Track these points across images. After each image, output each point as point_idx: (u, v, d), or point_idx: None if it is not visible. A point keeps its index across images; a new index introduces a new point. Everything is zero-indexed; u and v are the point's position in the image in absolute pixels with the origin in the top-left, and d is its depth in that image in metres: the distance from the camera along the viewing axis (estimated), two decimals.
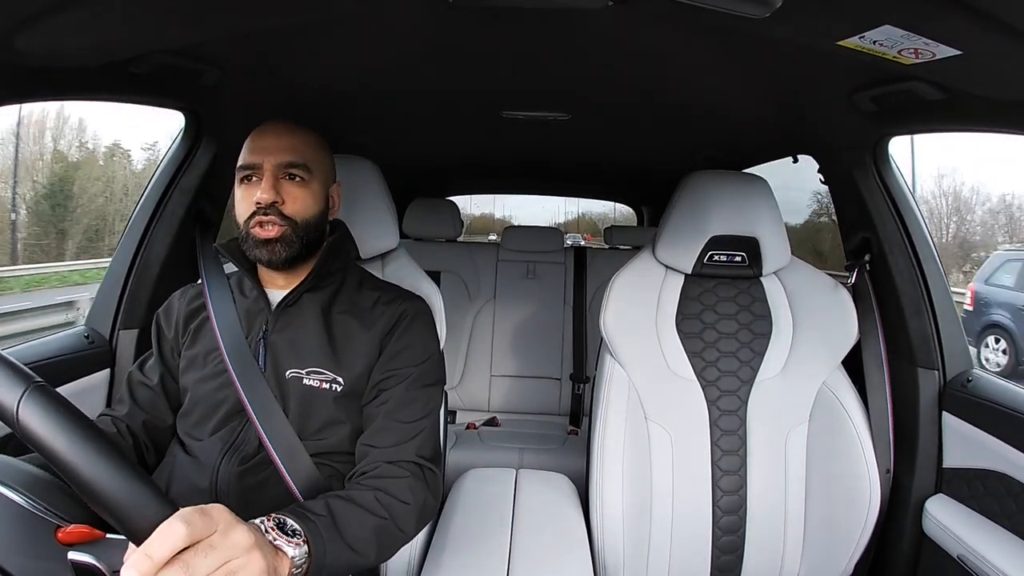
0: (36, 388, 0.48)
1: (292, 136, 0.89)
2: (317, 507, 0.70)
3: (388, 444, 0.83)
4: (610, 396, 1.16)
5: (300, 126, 0.92)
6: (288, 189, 0.87)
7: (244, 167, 0.88)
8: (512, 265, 2.40)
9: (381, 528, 0.75)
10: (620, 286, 1.22)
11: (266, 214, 0.85)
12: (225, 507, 0.54)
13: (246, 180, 0.89)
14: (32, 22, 0.69)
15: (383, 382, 0.87)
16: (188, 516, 0.49)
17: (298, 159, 0.88)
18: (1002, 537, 0.99)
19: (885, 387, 1.19)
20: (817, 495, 1.13)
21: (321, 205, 0.92)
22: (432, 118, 1.62)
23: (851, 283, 1.25)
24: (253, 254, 0.87)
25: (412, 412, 0.86)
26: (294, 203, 0.87)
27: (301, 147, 0.89)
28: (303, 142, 0.90)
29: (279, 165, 0.87)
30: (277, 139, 0.88)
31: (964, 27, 0.66)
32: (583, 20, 0.91)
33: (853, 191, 1.24)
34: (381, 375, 0.88)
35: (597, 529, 1.12)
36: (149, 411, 0.92)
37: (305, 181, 0.89)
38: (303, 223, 0.88)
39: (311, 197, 0.89)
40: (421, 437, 0.85)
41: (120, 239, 1.28)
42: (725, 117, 1.45)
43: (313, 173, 0.90)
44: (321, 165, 0.92)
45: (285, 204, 0.86)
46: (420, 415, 0.87)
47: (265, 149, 0.87)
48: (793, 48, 0.89)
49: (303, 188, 0.88)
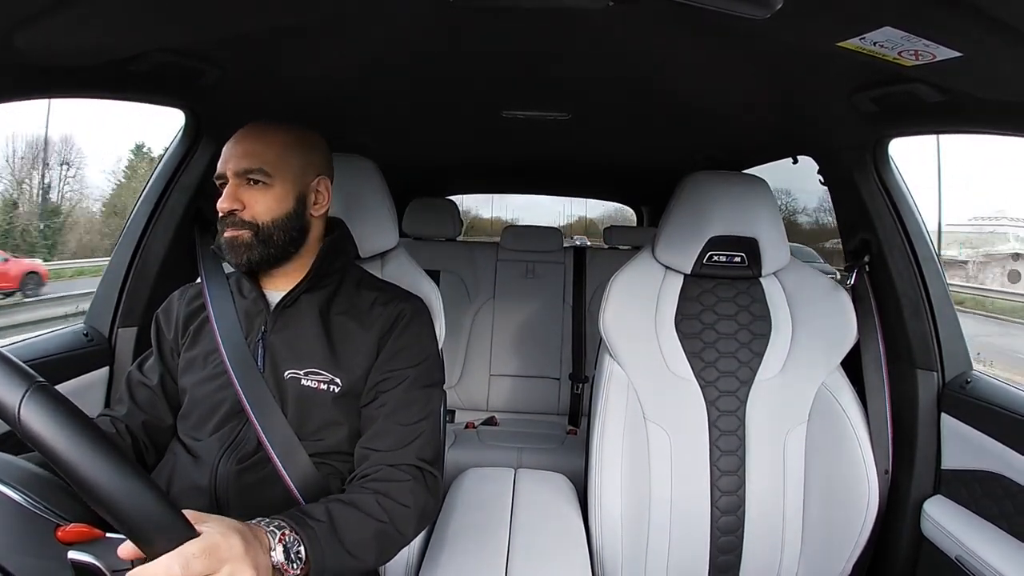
0: (38, 388, 0.48)
1: (252, 140, 0.89)
2: (317, 512, 0.71)
3: (388, 447, 0.83)
4: (609, 396, 1.16)
5: (268, 126, 0.91)
6: (249, 194, 0.87)
7: (216, 176, 0.90)
8: (511, 265, 2.40)
9: (381, 532, 0.76)
10: (619, 286, 1.22)
11: (230, 222, 0.87)
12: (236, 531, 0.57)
13: (222, 187, 0.90)
14: (32, 21, 0.69)
15: (381, 384, 0.87)
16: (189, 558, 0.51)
17: (255, 164, 0.87)
18: (1000, 538, 0.99)
19: (884, 388, 1.19)
20: (815, 496, 1.13)
21: (289, 205, 0.90)
22: (432, 118, 1.62)
23: (850, 284, 1.25)
24: (226, 258, 0.89)
25: (411, 414, 0.86)
26: (253, 207, 0.87)
27: (260, 150, 0.88)
28: (265, 144, 0.89)
29: (237, 172, 0.87)
30: (237, 145, 0.89)
31: (964, 29, 0.66)
32: (583, 20, 0.91)
33: (853, 192, 1.24)
34: (379, 377, 0.88)
35: (596, 529, 1.12)
36: (148, 411, 0.92)
37: (266, 184, 0.88)
38: (265, 225, 0.88)
39: (272, 200, 0.89)
40: (421, 440, 0.85)
41: (119, 237, 1.28)
42: (725, 117, 1.45)
43: (274, 175, 0.88)
44: (286, 164, 0.90)
45: (244, 210, 0.87)
46: (419, 417, 0.87)
47: (228, 157, 0.88)
48: (793, 49, 0.89)
49: (263, 192, 0.88)
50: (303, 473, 0.82)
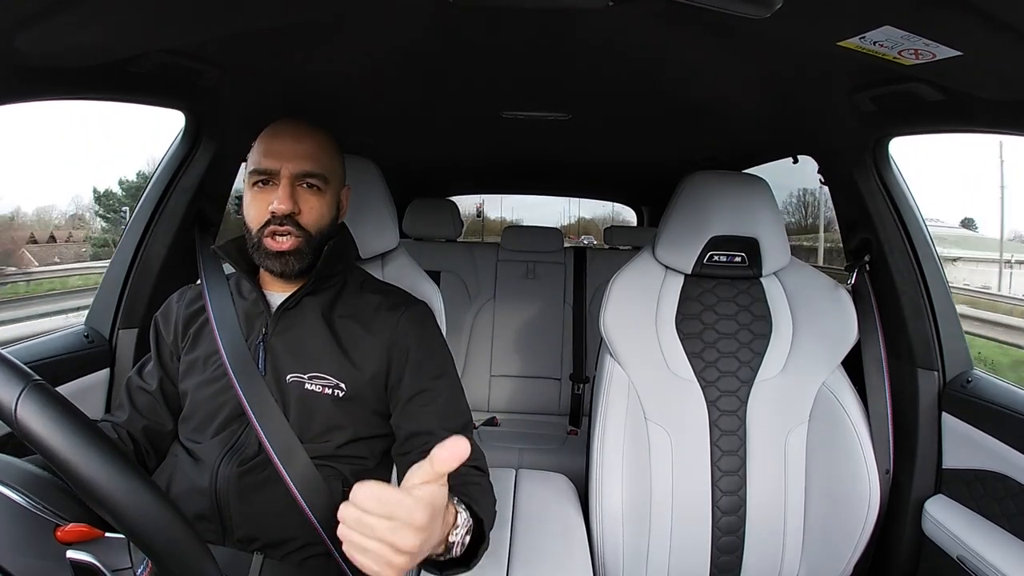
0: (34, 386, 0.48)
1: (310, 141, 0.86)
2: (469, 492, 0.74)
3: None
4: (610, 396, 1.16)
5: (316, 127, 0.89)
6: (305, 198, 0.84)
7: (259, 171, 0.85)
8: (512, 265, 2.40)
9: (492, 516, 0.79)
10: (620, 286, 1.22)
11: (282, 224, 0.83)
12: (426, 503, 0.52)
13: (260, 184, 0.85)
14: (32, 22, 0.69)
15: (416, 398, 0.87)
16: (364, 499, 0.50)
17: (317, 168, 0.85)
18: (1001, 538, 0.99)
19: (885, 388, 1.19)
20: (816, 496, 1.13)
21: (334, 213, 0.90)
22: (432, 118, 1.62)
23: (851, 284, 1.25)
24: (264, 264, 0.86)
25: (457, 416, 0.88)
26: (310, 213, 0.85)
27: (319, 154, 0.86)
28: (321, 148, 0.87)
29: (297, 174, 0.84)
30: (296, 144, 0.85)
31: (964, 28, 0.66)
32: (583, 20, 0.91)
33: (853, 191, 1.24)
34: (411, 391, 0.87)
35: (596, 529, 1.12)
36: (149, 416, 0.92)
37: (321, 191, 0.86)
38: (317, 233, 0.86)
39: (326, 207, 0.87)
40: (476, 450, 0.86)
41: (120, 238, 1.28)
42: (725, 117, 1.45)
43: (330, 182, 0.87)
44: (336, 172, 0.90)
45: (302, 214, 0.84)
46: (464, 420, 0.89)
47: (282, 154, 0.84)
48: (793, 49, 0.89)
49: (319, 198, 0.86)
50: (304, 475, 0.82)
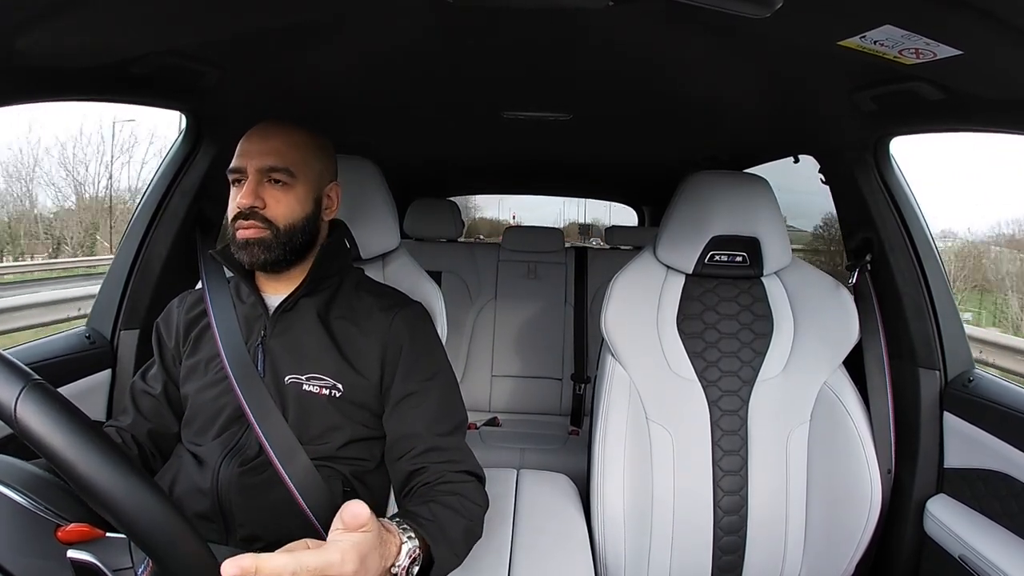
0: (34, 386, 0.48)
1: (278, 139, 0.88)
2: (424, 512, 0.72)
3: (442, 460, 0.84)
4: (611, 396, 1.16)
5: (291, 126, 0.91)
6: (270, 192, 0.87)
7: (232, 170, 0.88)
8: (513, 265, 2.40)
9: (468, 530, 0.77)
10: (621, 286, 1.22)
11: (247, 218, 0.85)
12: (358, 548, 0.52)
13: (236, 183, 0.88)
14: (33, 23, 0.69)
15: (407, 399, 0.87)
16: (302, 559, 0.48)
17: (280, 163, 0.87)
18: (1004, 537, 0.99)
19: (886, 387, 1.18)
20: (818, 495, 1.13)
21: (308, 208, 0.90)
22: (432, 118, 1.62)
23: (852, 283, 1.25)
24: (238, 256, 0.88)
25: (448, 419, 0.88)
26: (276, 207, 0.87)
27: (285, 150, 0.88)
28: (289, 144, 0.88)
29: (261, 169, 0.86)
30: (263, 142, 0.88)
31: (965, 27, 0.66)
32: (583, 20, 0.91)
33: (854, 191, 1.24)
34: (402, 392, 0.87)
35: (598, 529, 1.11)
36: (153, 420, 0.92)
37: (288, 185, 0.87)
38: (286, 227, 0.87)
39: (295, 201, 0.88)
40: (464, 452, 0.87)
41: (121, 239, 1.28)
42: (725, 117, 1.45)
43: (297, 177, 0.88)
44: (308, 167, 0.90)
45: (266, 208, 0.86)
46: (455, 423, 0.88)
47: (249, 152, 0.87)
48: (793, 48, 0.89)
49: (286, 192, 0.87)
50: (304, 476, 0.82)
